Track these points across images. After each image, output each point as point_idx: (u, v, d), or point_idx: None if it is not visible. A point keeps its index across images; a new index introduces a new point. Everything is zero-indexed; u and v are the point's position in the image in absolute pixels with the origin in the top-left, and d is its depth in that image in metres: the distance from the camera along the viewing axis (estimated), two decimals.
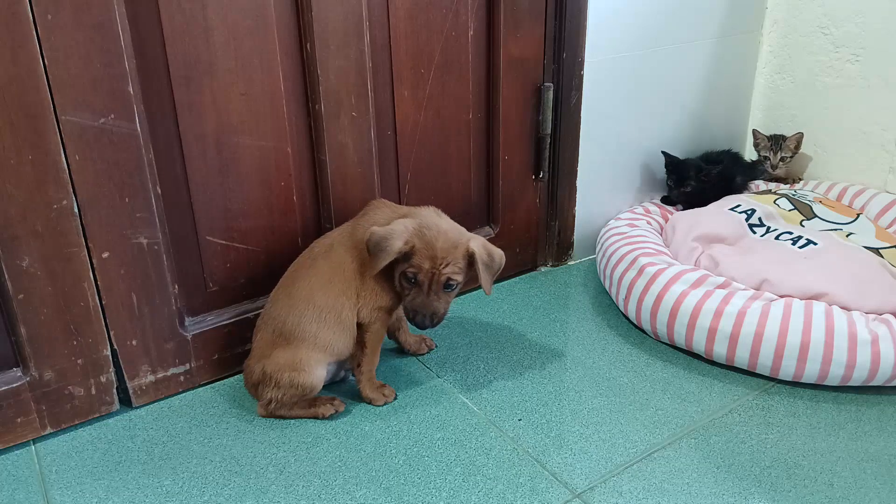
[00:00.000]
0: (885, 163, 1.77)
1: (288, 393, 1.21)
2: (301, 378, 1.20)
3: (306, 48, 1.27)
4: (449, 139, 1.50)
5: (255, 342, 1.26)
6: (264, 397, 1.22)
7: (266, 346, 1.23)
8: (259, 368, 1.22)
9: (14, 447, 1.19)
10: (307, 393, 1.22)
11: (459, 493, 1.08)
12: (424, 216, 1.20)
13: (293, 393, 1.21)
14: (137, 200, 1.17)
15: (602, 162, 1.72)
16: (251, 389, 1.26)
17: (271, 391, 1.21)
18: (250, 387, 1.26)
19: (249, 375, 1.25)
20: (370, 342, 1.25)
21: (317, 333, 1.20)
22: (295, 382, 1.20)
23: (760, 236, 1.57)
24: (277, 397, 1.21)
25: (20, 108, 1.03)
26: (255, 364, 1.23)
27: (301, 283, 1.23)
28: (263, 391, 1.22)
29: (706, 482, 1.09)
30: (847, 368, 1.24)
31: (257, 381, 1.23)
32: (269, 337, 1.23)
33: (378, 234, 1.15)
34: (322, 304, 1.21)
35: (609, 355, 1.42)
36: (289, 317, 1.21)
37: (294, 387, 1.20)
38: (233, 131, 1.25)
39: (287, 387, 1.20)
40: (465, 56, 1.45)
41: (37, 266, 1.12)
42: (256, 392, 1.25)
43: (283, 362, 1.20)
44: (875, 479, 1.09)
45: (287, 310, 1.21)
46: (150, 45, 1.13)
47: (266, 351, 1.22)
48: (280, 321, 1.22)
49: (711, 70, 1.84)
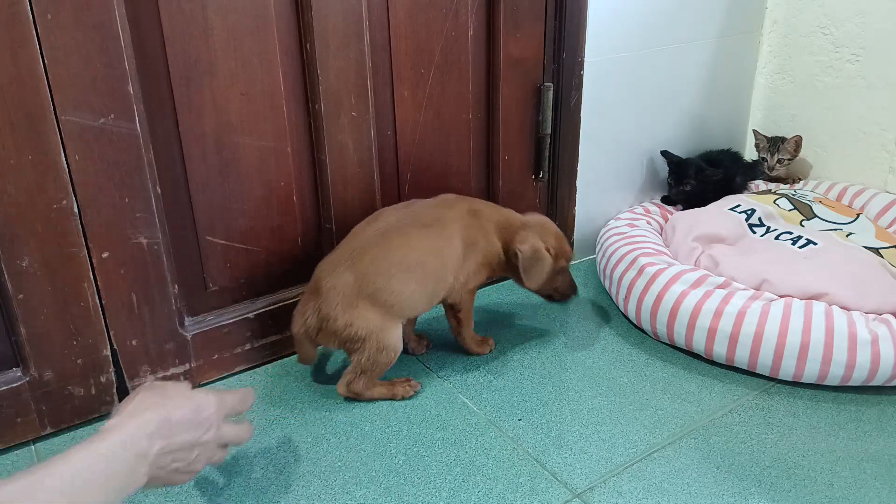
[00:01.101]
0: (885, 163, 1.77)
1: (374, 358, 1.21)
2: (389, 340, 1.21)
3: (306, 48, 1.27)
4: (449, 139, 1.50)
5: (332, 284, 1.20)
6: (351, 365, 1.22)
7: (353, 294, 1.19)
8: (344, 320, 1.19)
9: (14, 447, 1.19)
10: (392, 359, 1.23)
11: (459, 493, 1.08)
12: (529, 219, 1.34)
13: (379, 359, 1.21)
14: (137, 200, 1.17)
15: (602, 162, 1.72)
16: (306, 334, 1.22)
17: (359, 354, 1.20)
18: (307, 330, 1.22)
19: (323, 321, 1.20)
20: (465, 317, 1.34)
21: (407, 299, 1.22)
22: (382, 345, 1.20)
23: (760, 236, 1.57)
24: (366, 363, 1.21)
25: (20, 108, 1.03)
26: (335, 311, 1.19)
27: (406, 249, 1.22)
28: (350, 351, 1.22)
29: (706, 482, 1.09)
30: (847, 368, 1.24)
31: (334, 331, 1.19)
32: (355, 285, 1.19)
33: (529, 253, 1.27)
34: (424, 274, 1.23)
35: (609, 355, 1.42)
36: (388, 280, 1.20)
37: (381, 350, 1.20)
38: (233, 131, 1.25)
39: (375, 351, 1.20)
40: (465, 56, 1.45)
41: (37, 266, 1.12)
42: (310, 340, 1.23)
43: (373, 322, 1.19)
44: (875, 479, 1.09)
45: (384, 270, 1.20)
46: (150, 45, 1.13)
47: (353, 300, 1.19)
48: (371, 279, 1.19)
49: (711, 70, 1.84)
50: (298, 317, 1.25)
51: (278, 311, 1.38)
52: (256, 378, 1.36)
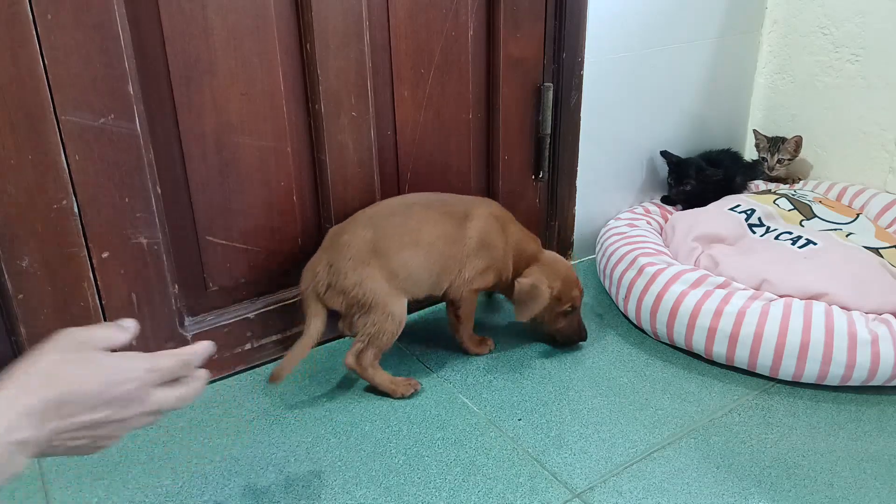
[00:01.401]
0: (885, 163, 1.77)
1: (381, 325, 1.22)
2: (395, 308, 1.23)
3: (306, 48, 1.27)
4: (449, 139, 1.50)
5: (350, 239, 1.23)
6: (359, 333, 1.23)
7: (367, 251, 1.22)
8: (354, 277, 1.20)
9: None
10: (398, 329, 1.24)
11: (459, 493, 1.08)
12: (546, 255, 1.37)
13: (385, 326, 1.22)
14: (137, 200, 1.17)
15: (602, 162, 1.72)
16: (314, 291, 1.23)
17: (365, 319, 1.22)
18: (316, 286, 1.23)
19: (334, 276, 1.22)
20: (464, 315, 1.35)
21: (412, 273, 1.25)
22: (388, 311, 1.22)
23: (760, 236, 1.57)
24: (371, 329, 1.22)
25: (20, 108, 1.04)
26: (347, 266, 1.21)
27: (424, 225, 1.26)
28: (356, 316, 1.23)
29: (706, 482, 1.09)
30: (847, 368, 1.24)
31: (342, 289, 1.21)
32: (371, 242, 1.22)
33: (526, 288, 1.30)
34: (432, 255, 1.26)
35: (609, 355, 1.42)
36: (400, 248, 1.23)
37: (388, 316, 1.22)
38: (233, 131, 1.25)
39: (381, 316, 1.22)
40: (465, 56, 1.45)
41: (37, 266, 1.12)
42: (317, 299, 1.23)
43: (380, 287, 1.22)
44: (875, 479, 1.09)
45: (400, 236, 1.24)
46: (150, 45, 1.13)
47: (366, 258, 1.22)
48: (387, 241, 1.23)
49: (711, 70, 1.84)
50: (308, 272, 1.26)
51: (278, 310, 1.38)
52: (256, 378, 1.36)
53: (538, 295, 1.31)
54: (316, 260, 1.27)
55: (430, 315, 1.55)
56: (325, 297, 1.24)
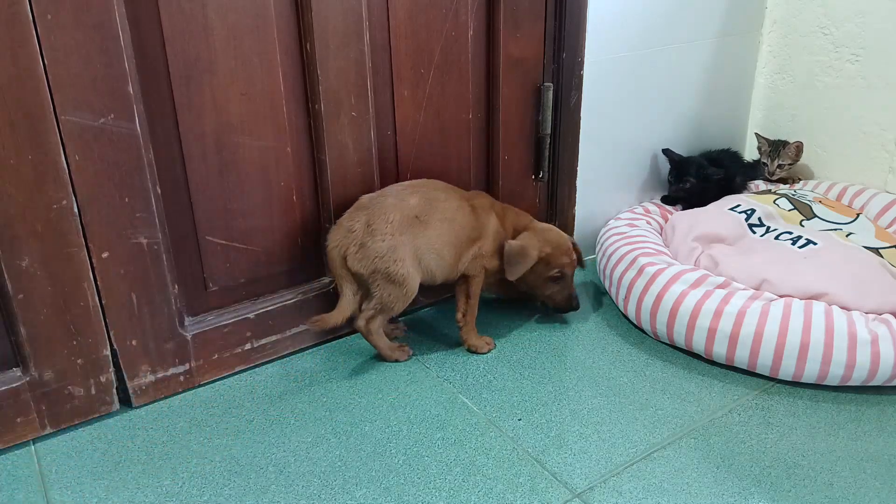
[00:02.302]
0: (885, 163, 1.77)
1: (396, 295, 1.29)
2: (413, 284, 1.30)
3: (306, 48, 1.27)
4: (449, 139, 1.50)
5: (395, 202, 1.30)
6: (374, 300, 1.30)
7: (409, 218, 1.29)
8: (389, 243, 1.26)
9: (14, 447, 1.19)
10: (409, 297, 1.31)
11: (459, 493, 1.08)
12: (540, 224, 1.45)
13: (399, 296, 1.29)
14: (137, 200, 1.17)
15: (602, 162, 1.72)
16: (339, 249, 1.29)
17: (383, 290, 1.28)
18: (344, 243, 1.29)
19: (369, 237, 1.27)
20: (473, 291, 1.40)
21: (432, 241, 1.31)
22: (407, 288, 1.29)
23: (760, 236, 1.57)
24: (387, 299, 1.29)
25: (20, 108, 1.04)
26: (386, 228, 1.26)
27: (448, 203, 1.34)
28: (376, 283, 1.28)
29: (706, 482, 1.09)
30: (847, 368, 1.24)
31: (375, 254, 1.26)
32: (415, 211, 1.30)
33: (515, 248, 1.37)
34: (452, 228, 1.33)
35: (609, 355, 1.42)
36: (429, 219, 1.31)
37: (404, 290, 1.29)
38: (233, 131, 1.25)
39: (399, 289, 1.28)
40: (464, 56, 1.45)
41: (37, 266, 1.12)
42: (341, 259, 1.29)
43: (408, 263, 1.28)
44: (875, 479, 1.09)
45: (434, 208, 1.32)
46: (150, 44, 1.13)
47: (405, 227, 1.28)
48: (429, 208, 1.31)
49: (711, 70, 1.84)
50: (341, 229, 1.31)
51: (278, 311, 1.38)
52: (256, 378, 1.36)
53: (525, 255, 1.38)
54: (350, 218, 1.30)
55: (429, 315, 1.56)
56: (353, 258, 1.28)
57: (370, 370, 1.37)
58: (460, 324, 1.42)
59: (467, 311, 1.41)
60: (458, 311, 1.41)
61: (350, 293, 1.31)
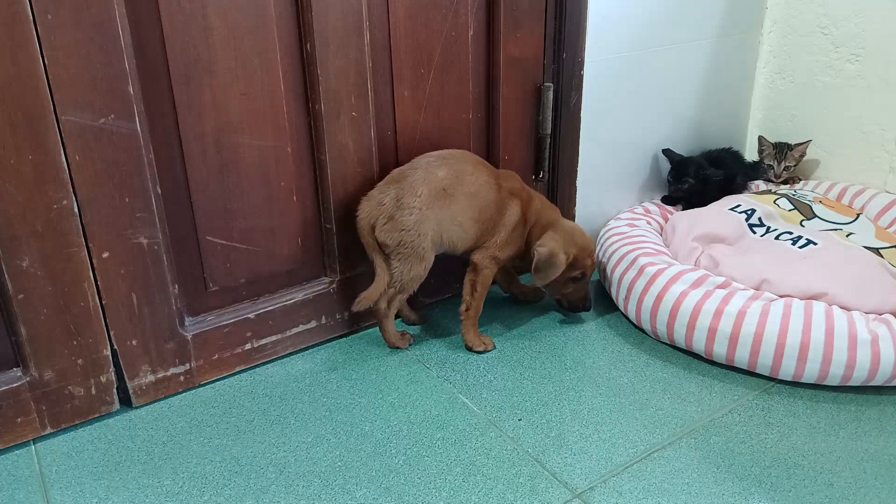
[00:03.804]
0: (885, 163, 1.77)
1: (415, 272, 1.32)
2: (430, 261, 1.33)
3: (306, 48, 1.27)
4: (449, 139, 1.50)
5: (425, 175, 1.30)
6: (394, 277, 1.32)
7: (438, 190, 1.30)
8: (417, 217, 1.28)
9: (14, 447, 1.19)
10: (424, 273, 1.33)
11: (459, 493, 1.08)
12: (563, 223, 1.43)
13: (418, 273, 1.32)
14: (137, 200, 1.17)
15: (602, 162, 1.72)
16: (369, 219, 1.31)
17: (403, 265, 1.31)
18: (376, 216, 1.31)
19: (398, 210, 1.28)
20: (481, 284, 1.39)
21: (455, 215, 1.32)
22: (426, 263, 1.32)
23: (760, 236, 1.57)
24: (406, 275, 1.31)
25: (20, 108, 1.03)
26: (416, 203, 1.28)
27: (474, 177, 1.34)
28: (398, 257, 1.31)
29: (706, 482, 1.09)
30: (847, 368, 1.24)
31: (402, 227, 1.28)
32: (443, 184, 1.30)
33: (545, 255, 1.36)
34: (475, 203, 1.34)
35: (609, 355, 1.42)
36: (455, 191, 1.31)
37: (423, 270, 1.32)
38: (233, 131, 1.25)
39: (420, 268, 1.31)
40: (465, 56, 1.45)
41: (37, 266, 1.12)
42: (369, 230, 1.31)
43: (431, 237, 1.30)
44: (875, 479, 1.09)
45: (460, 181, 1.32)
46: (150, 44, 1.13)
47: (433, 201, 1.29)
48: (455, 181, 1.31)
49: (711, 70, 1.84)
50: (371, 201, 1.32)
51: (278, 311, 1.38)
52: (256, 378, 1.36)
53: (555, 262, 1.37)
54: (381, 191, 1.32)
55: (430, 315, 1.55)
56: (381, 230, 1.30)
57: (370, 370, 1.37)
58: (462, 317, 1.42)
59: (472, 305, 1.41)
60: (463, 303, 1.42)
61: (383, 262, 1.34)
